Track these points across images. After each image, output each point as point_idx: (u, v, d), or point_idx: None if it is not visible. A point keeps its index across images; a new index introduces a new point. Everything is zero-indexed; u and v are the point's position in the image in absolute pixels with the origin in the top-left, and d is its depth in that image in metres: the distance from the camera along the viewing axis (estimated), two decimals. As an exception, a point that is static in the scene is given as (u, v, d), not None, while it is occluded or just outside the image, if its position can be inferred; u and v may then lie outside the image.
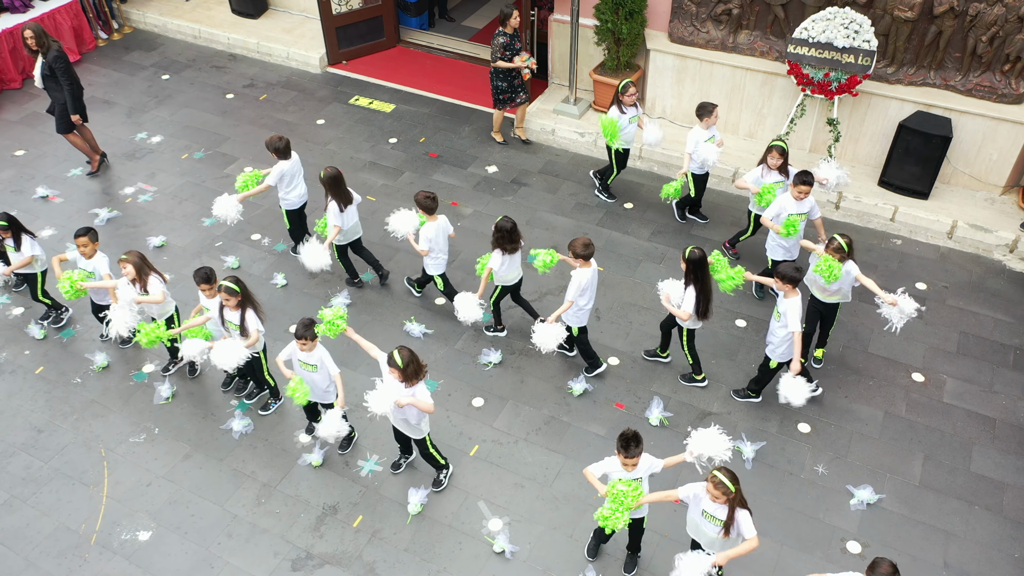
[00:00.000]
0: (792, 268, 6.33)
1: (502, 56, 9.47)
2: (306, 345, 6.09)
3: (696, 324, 6.85)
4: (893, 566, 4.53)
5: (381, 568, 6.03)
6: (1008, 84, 8.41)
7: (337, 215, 7.56)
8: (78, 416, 7.15)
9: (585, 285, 6.78)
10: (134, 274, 6.71)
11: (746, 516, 4.97)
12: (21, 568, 6.07)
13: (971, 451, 6.70)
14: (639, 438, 5.12)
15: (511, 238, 7.03)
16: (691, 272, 6.54)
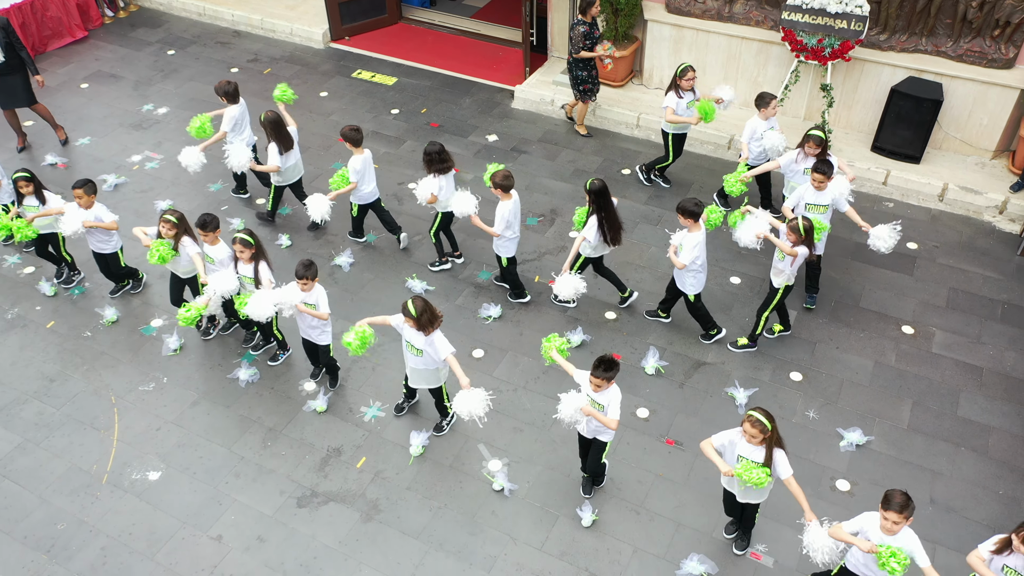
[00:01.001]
0: (692, 202, 6.64)
1: (583, 45, 9.17)
2: (307, 285, 6.29)
3: (602, 250, 7.31)
4: (906, 495, 4.58)
5: (384, 505, 6.21)
6: (998, 49, 8.58)
7: (277, 157, 8.05)
8: (89, 367, 7.35)
9: (508, 216, 7.19)
10: (173, 234, 6.83)
11: (783, 456, 5.08)
12: (35, 505, 6.26)
13: (958, 397, 6.88)
14: (610, 365, 5.31)
15: (440, 159, 7.43)
16: (593, 202, 6.97)
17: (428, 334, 5.89)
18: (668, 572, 5.75)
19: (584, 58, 9.29)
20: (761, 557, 5.82)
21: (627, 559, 5.84)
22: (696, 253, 6.79)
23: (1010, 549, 4.60)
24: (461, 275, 8.19)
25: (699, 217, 6.72)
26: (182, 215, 6.90)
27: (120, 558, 5.90)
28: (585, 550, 5.90)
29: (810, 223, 6.61)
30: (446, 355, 5.96)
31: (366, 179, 7.94)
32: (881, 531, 4.66)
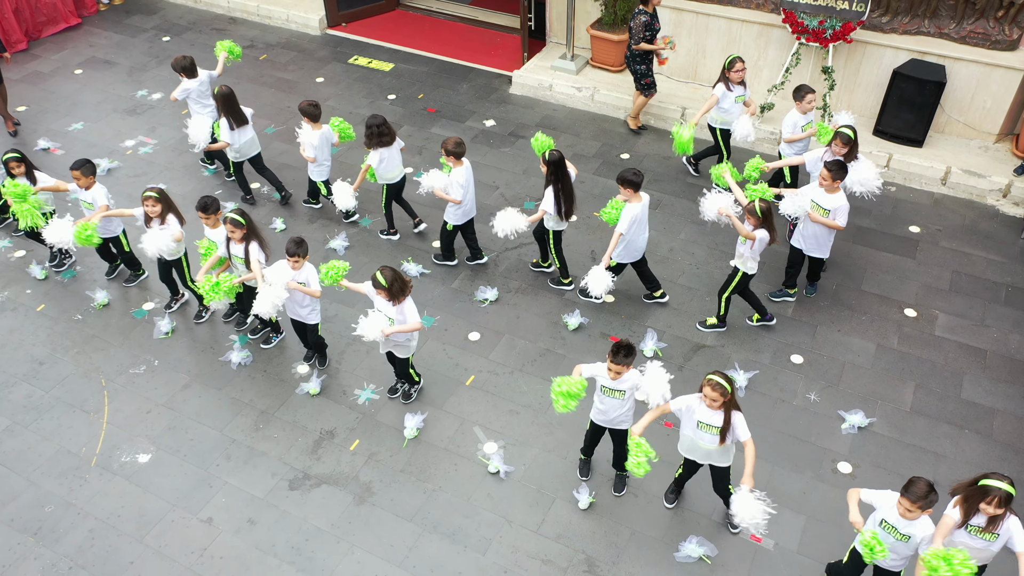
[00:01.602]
0: (631, 172, 6.64)
1: (643, 36, 8.77)
2: (297, 263, 6.19)
3: (560, 225, 7.27)
4: (930, 485, 4.44)
5: (377, 487, 6.10)
6: (1002, 30, 8.46)
7: (228, 132, 8.06)
8: (79, 350, 7.24)
9: (463, 183, 7.25)
10: (158, 211, 6.75)
11: (741, 419, 5.05)
12: (23, 488, 6.15)
13: (962, 380, 6.77)
14: (631, 349, 5.18)
15: (380, 132, 7.48)
16: (551, 173, 6.94)
17: (399, 303, 5.80)
18: (666, 554, 5.64)
19: (643, 51, 8.89)
20: (761, 540, 5.70)
21: (625, 541, 5.73)
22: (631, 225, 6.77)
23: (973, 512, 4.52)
24: (457, 258, 8.07)
25: (638, 187, 6.71)
26: (163, 191, 6.83)
27: (108, 540, 5.80)
28: (582, 532, 5.79)
29: (768, 206, 6.45)
30: (416, 323, 5.86)
31: (324, 154, 8.09)
32: (898, 514, 4.56)
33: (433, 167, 8.95)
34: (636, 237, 6.95)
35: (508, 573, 5.56)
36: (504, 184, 9.00)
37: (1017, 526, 4.52)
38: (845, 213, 6.77)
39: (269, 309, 6.25)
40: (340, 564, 5.63)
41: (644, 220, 6.94)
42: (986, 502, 4.42)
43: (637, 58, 9.03)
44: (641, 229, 6.95)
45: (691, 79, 10.21)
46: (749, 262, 6.71)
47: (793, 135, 7.67)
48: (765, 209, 6.40)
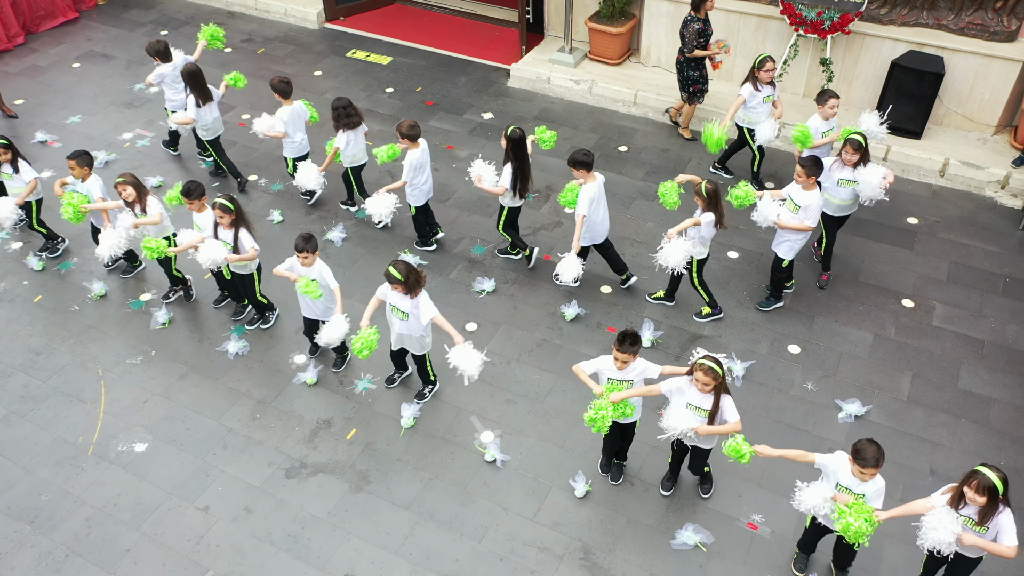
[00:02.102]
0: (582, 153, 6.73)
1: (697, 44, 8.62)
2: (307, 259, 6.17)
3: (515, 202, 7.37)
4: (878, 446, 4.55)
5: (374, 476, 6.10)
6: (1000, 21, 8.46)
7: (194, 109, 8.23)
8: (76, 340, 7.24)
9: (415, 164, 7.33)
10: (134, 195, 6.80)
11: (730, 402, 5.07)
12: (19, 476, 6.15)
13: (959, 370, 6.76)
14: (637, 338, 5.17)
15: (348, 113, 7.63)
16: (511, 150, 7.06)
17: (414, 296, 5.78)
18: (662, 542, 5.64)
19: (697, 57, 8.74)
20: (758, 527, 5.70)
21: (621, 529, 5.72)
22: (589, 206, 6.82)
23: (963, 502, 4.49)
24: (455, 250, 8.08)
25: (590, 167, 6.75)
26: (134, 175, 6.89)
27: (105, 528, 5.80)
28: (578, 520, 5.79)
29: (715, 188, 6.44)
30: (432, 316, 5.85)
31: (294, 128, 8.19)
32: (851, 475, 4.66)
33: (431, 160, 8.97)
34: (596, 218, 7.02)
35: (504, 560, 5.56)
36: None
37: (1008, 521, 4.47)
38: (816, 212, 6.63)
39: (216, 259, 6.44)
40: (336, 551, 5.63)
41: (601, 199, 6.99)
42: (968, 486, 4.40)
43: (692, 64, 8.81)
44: (600, 209, 7.00)
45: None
46: (698, 247, 6.72)
47: (815, 141, 7.37)
48: (711, 191, 6.40)
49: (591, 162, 6.77)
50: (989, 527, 4.50)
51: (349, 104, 7.71)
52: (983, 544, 4.47)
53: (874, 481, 4.64)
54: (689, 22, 8.59)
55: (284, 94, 8.01)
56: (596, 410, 5.15)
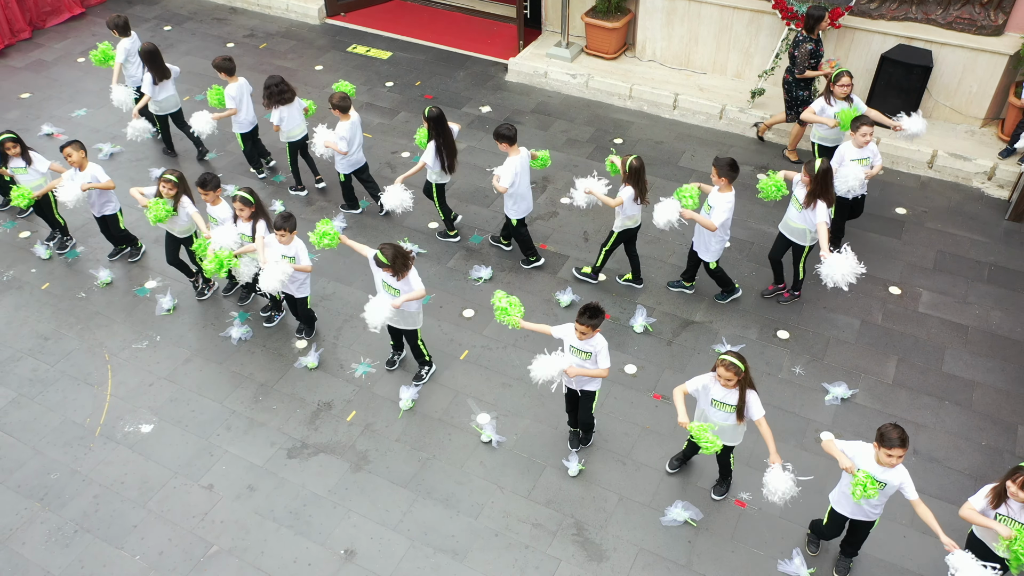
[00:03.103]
0: (506, 127, 7.06)
1: (808, 64, 8.39)
2: (284, 237, 6.36)
3: (444, 178, 7.70)
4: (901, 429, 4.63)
5: (373, 456, 6.29)
6: (987, 16, 8.62)
7: (151, 86, 8.63)
8: (83, 326, 7.42)
9: (347, 135, 7.76)
10: (173, 193, 6.90)
11: (755, 397, 5.16)
12: (29, 456, 6.34)
13: (943, 354, 6.94)
14: (597, 311, 5.34)
15: (280, 90, 7.98)
16: (432, 129, 7.35)
17: (403, 278, 5.97)
18: (653, 519, 5.82)
19: (808, 78, 8.52)
20: (745, 504, 5.88)
21: (612, 506, 5.91)
22: (513, 179, 7.12)
23: (1005, 498, 4.56)
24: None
25: (513, 141, 7.05)
26: (182, 175, 6.97)
27: (112, 506, 5.98)
28: (571, 498, 5.97)
29: (639, 163, 6.71)
30: (421, 290, 6.06)
31: (244, 106, 8.51)
32: (875, 462, 4.73)
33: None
34: (523, 190, 7.32)
35: (499, 536, 5.75)
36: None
37: None
38: (721, 214, 6.66)
39: (276, 285, 6.41)
40: (337, 528, 5.81)
41: (525, 172, 7.28)
42: (1012, 480, 4.47)
43: (802, 84, 8.61)
44: (524, 181, 7.29)
45: (684, 66, 10.37)
46: (618, 219, 7.06)
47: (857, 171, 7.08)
48: (635, 166, 6.73)
49: (514, 136, 7.08)
50: None
51: (281, 81, 8.03)
52: None
53: (897, 469, 4.69)
54: (801, 42, 8.36)
55: (228, 71, 8.34)
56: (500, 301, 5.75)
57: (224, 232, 6.67)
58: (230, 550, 5.71)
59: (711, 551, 5.63)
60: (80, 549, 5.72)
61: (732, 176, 6.62)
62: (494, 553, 5.65)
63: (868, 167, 7.12)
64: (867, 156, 7.13)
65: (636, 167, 6.74)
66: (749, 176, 8.98)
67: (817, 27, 8.30)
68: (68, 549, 5.72)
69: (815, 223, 6.58)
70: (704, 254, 7.07)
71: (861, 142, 7.05)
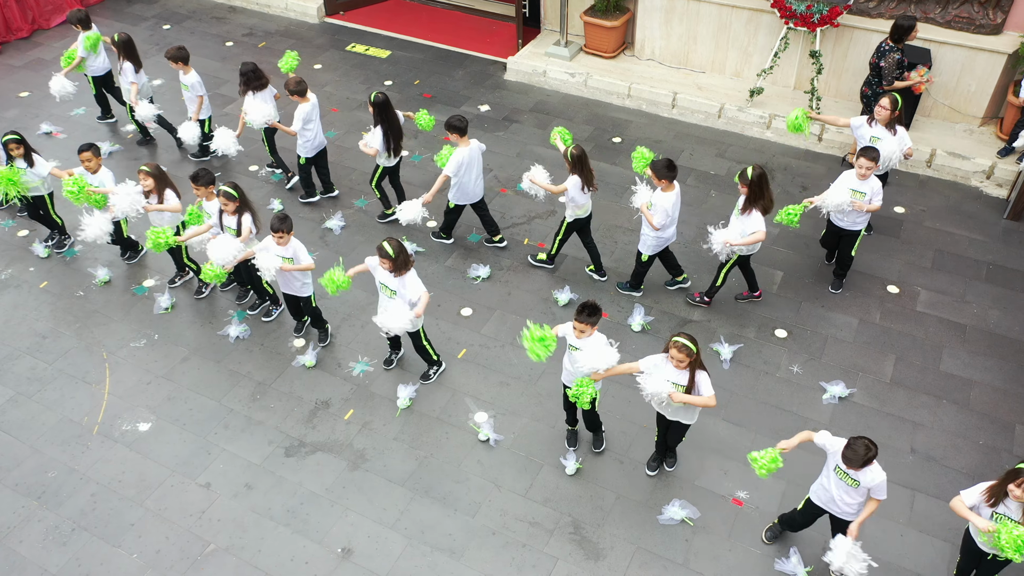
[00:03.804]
0: (456, 118, 7.20)
1: (897, 75, 8.15)
2: (282, 239, 6.36)
3: (390, 161, 7.91)
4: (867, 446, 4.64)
5: (371, 454, 6.29)
6: (986, 15, 8.62)
7: (133, 74, 9.00)
8: (81, 324, 7.42)
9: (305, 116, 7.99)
10: (152, 185, 6.95)
11: (705, 377, 5.23)
12: (27, 454, 6.34)
13: (941, 353, 6.94)
14: (595, 309, 5.34)
15: (256, 76, 8.17)
16: (378, 114, 7.56)
17: (401, 275, 5.97)
18: (650, 517, 5.82)
19: (897, 88, 8.12)
20: (743, 503, 5.88)
21: (610, 505, 5.91)
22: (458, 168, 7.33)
23: (1004, 496, 4.56)
24: (450, 237, 8.25)
25: (463, 132, 7.24)
26: (158, 166, 7.03)
27: (110, 504, 5.98)
28: (568, 497, 5.97)
29: (581, 152, 6.89)
30: (419, 294, 6.03)
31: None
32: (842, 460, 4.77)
33: (428, 151, 9.24)
34: (468, 180, 7.51)
35: (497, 535, 5.75)
36: (498, 167, 9.17)
37: None
38: (662, 213, 6.76)
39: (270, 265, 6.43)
40: (334, 526, 5.81)
41: (473, 164, 7.46)
42: (1015, 484, 4.47)
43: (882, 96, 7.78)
44: (471, 172, 7.48)
45: (682, 65, 10.37)
46: (568, 208, 7.19)
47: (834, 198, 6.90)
48: (576, 155, 6.88)
49: (464, 127, 7.24)
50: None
51: (256, 68, 8.19)
52: None
53: (871, 469, 4.71)
54: (887, 52, 8.04)
55: (184, 60, 8.64)
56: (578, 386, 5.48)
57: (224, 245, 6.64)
58: (227, 548, 5.71)
59: (708, 550, 5.63)
60: (77, 547, 5.72)
61: (671, 176, 6.71)
62: (491, 552, 5.65)
63: (866, 200, 6.82)
64: (864, 191, 6.78)
65: (577, 155, 6.89)
66: (747, 175, 8.99)
67: (906, 37, 7.98)
68: (65, 547, 5.73)
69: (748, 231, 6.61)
70: (640, 245, 7.18)
71: (859, 174, 6.76)
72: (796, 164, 9.09)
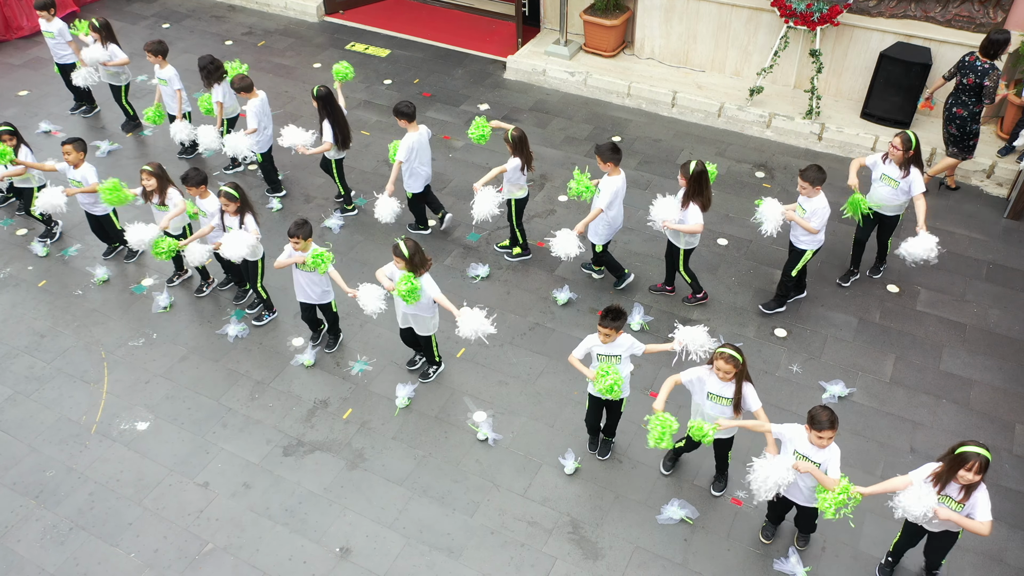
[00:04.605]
0: (404, 104, 7.34)
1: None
2: (299, 244, 6.32)
3: (340, 154, 8.06)
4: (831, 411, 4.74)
5: (369, 453, 6.28)
6: (986, 13, 8.60)
7: (121, 54, 9.24)
8: (79, 323, 7.41)
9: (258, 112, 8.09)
10: (155, 185, 6.94)
11: (751, 389, 5.16)
12: (24, 453, 6.33)
13: (941, 352, 6.92)
14: (620, 313, 5.32)
15: (217, 67, 8.37)
16: (323, 108, 7.70)
17: (418, 276, 5.94)
18: (649, 517, 5.81)
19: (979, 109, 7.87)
20: (742, 503, 5.87)
21: (608, 504, 5.89)
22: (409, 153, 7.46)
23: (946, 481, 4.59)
24: (450, 236, 8.25)
25: (411, 118, 7.36)
26: (160, 165, 7.03)
27: (108, 503, 5.97)
28: (567, 496, 5.96)
29: (520, 134, 7.02)
30: (434, 295, 6.00)
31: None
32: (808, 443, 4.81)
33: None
34: (418, 166, 7.61)
35: (495, 534, 5.73)
36: (496, 164, 9.13)
37: (984, 497, 4.56)
38: (607, 197, 6.84)
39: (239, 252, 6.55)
40: (332, 525, 5.80)
41: (424, 149, 7.61)
42: (966, 468, 4.47)
43: (977, 116, 7.95)
44: (423, 157, 7.61)
45: (682, 64, 10.36)
46: (512, 189, 7.34)
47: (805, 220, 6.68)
48: (516, 137, 7.04)
49: (411, 113, 7.34)
50: (966, 504, 4.60)
51: (213, 60, 8.35)
52: (958, 520, 4.58)
53: (831, 448, 4.79)
54: (988, 71, 7.66)
55: (163, 54, 8.78)
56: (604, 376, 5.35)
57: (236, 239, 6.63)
58: (225, 548, 5.69)
59: (707, 549, 5.61)
60: (75, 547, 5.71)
61: (616, 159, 6.77)
62: (490, 551, 5.63)
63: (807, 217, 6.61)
64: (807, 210, 6.62)
65: (518, 137, 7.07)
66: (747, 174, 8.99)
67: (1001, 52, 7.67)
68: (63, 547, 5.71)
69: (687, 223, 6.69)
70: (591, 236, 7.20)
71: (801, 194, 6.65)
72: (796, 163, 9.07)
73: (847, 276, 7.55)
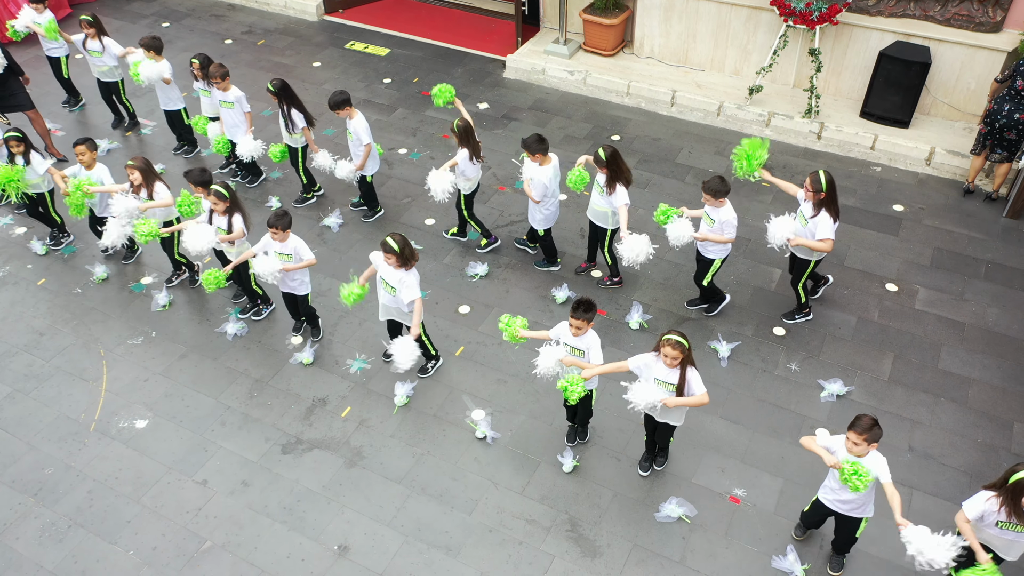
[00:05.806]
0: (338, 93, 7.52)
1: None
2: (277, 234, 6.34)
3: (302, 142, 8.18)
4: (873, 419, 4.71)
5: (368, 451, 6.28)
6: (985, 12, 8.60)
7: (119, 48, 9.31)
8: (78, 321, 7.41)
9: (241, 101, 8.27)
10: (141, 179, 6.96)
11: (696, 375, 5.19)
12: (23, 451, 6.34)
13: (940, 351, 6.92)
14: (590, 305, 5.34)
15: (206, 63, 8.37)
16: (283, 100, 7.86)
17: (405, 270, 5.95)
18: (647, 515, 5.81)
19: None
20: (740, 501, 5.87)
21: (607, 502, 5.90)
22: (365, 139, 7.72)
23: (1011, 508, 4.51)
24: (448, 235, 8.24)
25: (348, 103, 7.54)
26: (144, 159, 7.04)
27: (106, 501, 5.98)
28: (565, 494, 5.96)
29: (465, 124, 7.21)
30: (413, 298, 6.01)
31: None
32: (847, 452, 4.78)
33: (427, 149, 9.23)
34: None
35: (493, 532, 5.74)
36: (497, 164, 9.16)
37: None
38: (540, 187, 7.06)
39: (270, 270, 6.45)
40: (331, 523, 5.81)
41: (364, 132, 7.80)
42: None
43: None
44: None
45: (681, 63, 10.36)
46: (461, 180, 7.51)
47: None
48: (461, 127, 7.20)
49: (347, 99, 7.56)
50: None
51: (207, 59, 8.36)
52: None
53: (871, 456, 4.73)
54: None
55: (157, 50, 8.79)
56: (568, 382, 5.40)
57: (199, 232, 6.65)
58: (223, 545, 5.70)
59: (705, 547, 5.61)
60: (74, 544, 5.72)
61: (543, 149, 6.96)
62: (488, 549, 5.64)
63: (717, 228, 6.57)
64: (715, 220, 6.53)
65: (463, 127, 7.22)
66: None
67: None
68: (62, 544, 5.72)
69: (616, 205, 6.81)
70: (532, 222, 7.45)
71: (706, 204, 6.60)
72: (795, 163, 9.08)
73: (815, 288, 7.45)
